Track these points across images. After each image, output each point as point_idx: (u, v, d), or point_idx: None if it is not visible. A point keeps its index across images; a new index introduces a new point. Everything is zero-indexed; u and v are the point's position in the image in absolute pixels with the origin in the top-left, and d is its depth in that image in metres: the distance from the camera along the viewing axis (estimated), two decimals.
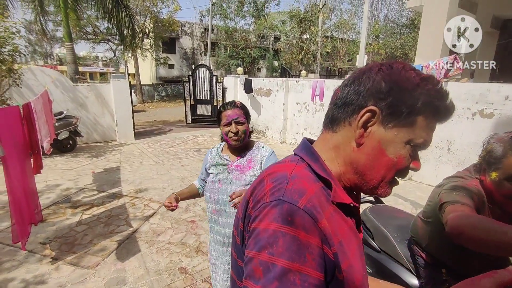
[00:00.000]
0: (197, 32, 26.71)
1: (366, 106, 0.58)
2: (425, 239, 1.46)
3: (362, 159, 0.60)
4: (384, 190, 0.62)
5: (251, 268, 0.51)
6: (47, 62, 34.96)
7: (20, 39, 6.08)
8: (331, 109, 0.66)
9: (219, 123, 1.59)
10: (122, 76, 7.95)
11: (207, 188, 1.61)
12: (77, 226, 3.48)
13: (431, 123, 0.59)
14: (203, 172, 1.70)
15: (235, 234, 0.68)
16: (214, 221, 1.60)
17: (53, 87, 6.74)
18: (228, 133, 1.52)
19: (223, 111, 1.56)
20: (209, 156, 1.67)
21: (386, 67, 0.60)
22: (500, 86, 3.93)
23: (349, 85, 0.62)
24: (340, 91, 0.64)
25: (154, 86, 22.50)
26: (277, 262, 0.49)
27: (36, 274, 2.63)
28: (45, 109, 3.80)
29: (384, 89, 0.57)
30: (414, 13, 21.00)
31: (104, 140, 7.90)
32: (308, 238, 0.51)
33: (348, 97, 0.61)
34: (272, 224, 0.52)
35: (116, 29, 9.37)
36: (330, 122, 0.66)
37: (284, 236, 0.50)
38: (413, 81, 0.57)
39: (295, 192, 0.55)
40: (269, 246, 0.50)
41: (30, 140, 3.13)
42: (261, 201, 0.57)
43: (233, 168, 1.57)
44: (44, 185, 4.71)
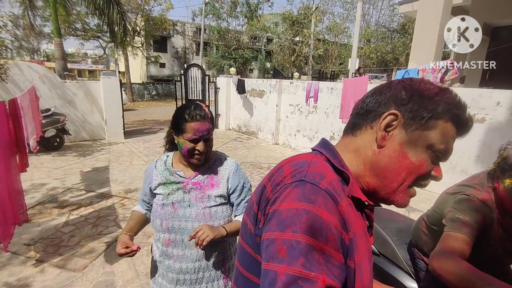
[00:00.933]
0: (189, 31, 26.54)
1: (388, 111, 0.60)
2: (429, 244, 1.44)
3: (383, 161, 0.60)
4: (402, 196, 0.61)
5: (274, 249, 0.50)
6: (34, 58, 34.09)
7: (7, 33, 5.89)
8: (352, 118, 0.68)
9: (176, 131, 1.22)
10: (113, 73, 7.79)
11: (156, 214, 1.26)
12: (63, 227, 3.36)
13: (452, 131, 0.59)
14: (147, 192, 1.33)
15: (247, 221, 0.66)
16: (165, 255, 1.26)
17: (41, 83, 6.54)
18: (192, 151, 1.20)
19: (189, 121, 1.17)
20: (153, 173, 1.29)
21: (406, 79, 0.63)
22: (491, 92, 3.99)
23: (370, 96, 0.65)
24: (361, 102, 0.66)
25: (145, 85, 22.21)
26: (302, 239, 0.48)
27: (20, 277, 2.51)
28: (32, 105, 3.67)
29: (404, 96, 0.60)
30: (405, 19, 21.40)
31: (92, 138, 7.72)
32: (330, 218, 0.50)
33: (369, 105, 0.63)
34: (294, 203, 0.51)
35: (107, 26, 9.18)
36: (350, 128, 0.67)
37: (307, 214, 0.49)
38: (432, 90, 0.60)
39: (316, 175, 0.55)
40: (293, 225, 0.49)
41: (15, 137, 3.00)
42: (281, 183, 0.57)
43: (190, 186, 1.26)
44: (29, 184, 4.54)
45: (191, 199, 1.26)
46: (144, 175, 1.38)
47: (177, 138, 1.23)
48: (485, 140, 4.10)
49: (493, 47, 6.79)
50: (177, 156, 1.33)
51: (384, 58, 23.81)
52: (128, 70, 19.12)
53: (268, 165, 6.07)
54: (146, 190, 1.34)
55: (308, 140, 7.15)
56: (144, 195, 1.37)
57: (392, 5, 24.91)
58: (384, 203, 0.65)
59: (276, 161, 6.37)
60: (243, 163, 6.08)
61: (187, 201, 1.25)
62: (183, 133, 1.18)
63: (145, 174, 1.36)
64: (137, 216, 1.38)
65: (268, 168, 5.82)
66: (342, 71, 21.68)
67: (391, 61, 23.69)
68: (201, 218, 1.24)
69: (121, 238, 1.20)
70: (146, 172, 1.36)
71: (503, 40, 7.23)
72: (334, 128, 6.45)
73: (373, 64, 23.80)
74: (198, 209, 1.25)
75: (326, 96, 6.53)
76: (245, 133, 9.29)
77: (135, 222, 1.34)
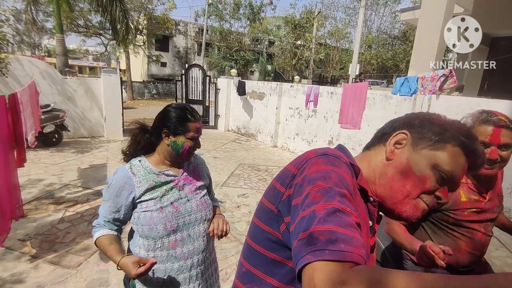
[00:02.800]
0: (191, 31, 26.58)
1: (399, 131, 0.69)
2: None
3: (390, 172, 0.67)
4: (409, 207, 0.65)
5: (309, 199, 0.54)
6: (35, 53, 34.02)
7: (9, 27, 5.89)
8: (371, 139, 0.78)
9: (174, 131, 1.22)
10: (114, 71, 7.79)
11: (155, 220, 1.20)
12: (59, 223, 3.35)
13: (461, 157, 0.63)
14: (122, 206, 1.20)
15: (264, 202, 0.71)
16: (174, 257, 1.24)
17: (41, 79, 6.53)
18: (191, 148, 1.25)
19: (192, 120, 1.23)
20: (134, 181, 1.20)
21: (421, 113, 0.73)
22: (489, 101, 4.02)
23: (387, 123, 0.75)
24: (381, 128, 0.77)
25: (145, 84, 22.19)
26: (334, 187, 0.54)
27: (14, 272, 2.50)
28: (31, 100, 3.67)
29: (416, 123, 0.68)
30: (406, 26, 21.50)
31: (91, 135, 7.70)
32: (352, 181, 0.59)
33: (386, 129, 0.73)
34: (322, 167, 0.58)
35: (109, 23, 9.19)
36: (367, 146, 0.78)
37: (335, 172, 0.57)
38: (443, 120, 0.67)
39: (337, 153, 0.63)
40: (323, 179, 0.55)
41: (14, 132, 3.00)
42: (304, 160, 0.64)
43: (182, 182, 1.30)
44: (26, 179, 4.53)
45: (187, 193, 1.30)
46: (111, 189, 1.20)
47: (172, 138, 1.23)
48: None
49: (492, 57, 6.84)
50: (154, 158, 1.28)
51: (384, 64, 23.91)
52: (129, 68, 19.10)
53: (266, 167, 6.08)
54: (122, 204, 1.20)
55: (307, 143, 7.16)
56: (115, 212, 1.21)
57: (394, 12, 25.04)
58: (392, 216, 0.68)
59: (275, 164, 6.38)
60: (241, 165, 6.09)
61: (184, 197, 1.28)
62: (185, 133, 1.22)
63: (114, 187, 1.20)
64: (112, 239, 1.19)
65: (266, 170, 5.83)
66: (343, 76, 21.74)
67: (391, 67, 23.79)
68: (201, 208, 1.33)
69: (127, 261, 1.07)
70: (117, 184, 1.20)
71: (502, 50, 7.30)
72: (333, 132, 6.48)
73: (374, 70, 23.89)
74: (196, 200, 1.31)
75: (326, 100, 6.55)
76: (244, 134, 9.30)
77: (118, 245, 1.18)
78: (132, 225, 1.28)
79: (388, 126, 0.73)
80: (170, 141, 1.23)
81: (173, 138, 1.23)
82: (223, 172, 5.55)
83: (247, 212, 3.96)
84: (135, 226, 1.25)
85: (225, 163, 6.12)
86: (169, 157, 1.27)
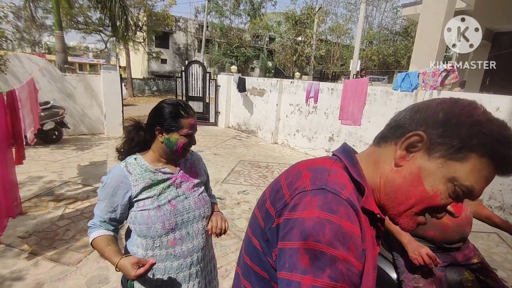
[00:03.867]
0: (191, 28, 26.47)
1: (414, 131, 0.55)
2: None
3: (397, 181, 0.58)
4: (406, 221, 0.59)
5: (297, 259, 0.49)
6: (35, 50, 33.95)
7: (7, 24, 5.86)
8: (384, 129, 0.65)
9: (167, 128, 1.19)
10: (113, 68, 7.76)
11: (153, 219, 1.18)
12: (59, 220, 3.35)
13: (487, 169, 0.51)
14: (119, 205, 1.18)
15: (257, 214, 0.67)
16: (173, 256, 1.22)
17: (40, 76, 6.51)
18: (186, 145, 1.22)
19: (186, 117, 1.19)
20: (130, 179, 1.18)
21: (450, 100, 0.56)
22: (491, 97, 3.99)
23: (407, 110, 0.60)
24: (397, 114, 0.63)
25: (145, 80, 22.15)
26: (325, 250, 0.48)
27: (13, 269, 2.50)
28: (30, 97, 3.65)
29: (440, 119, 0.53)
30: (408, 22, 21.37)
31: (91, 132, 7.69)
32: (351, 228, 0.50)
33: (402, 120, 0.59)
34: (316, 212, 0.51)
35: (108, 20, 9.14)
36: (378, 138, 0.64)
37: (330, 224, 0.49)
38: (476, 118, 0.51)
39: (337, 184, 0.55)
40: (315, 234, 0.49)
41: (13, 129, 2.99)
42: (299, 188, 0.57)
43: (180, 180, 1.27)
44: (26, 176, 4.53)
45: (185, 191, 1.27)
46: (107, 188, 1.17)
47: (166, 135, 1.20)
48: None
49: (494, 52, 6.79)
50: (150, 156, 1.26)
51: (385, 60, 23.79)
52: (129, 65, 19.05)
53: (267, 164, 6.07)
54: (118, 203, 1.17)
55: (307, 140, 7.14)
56: (112, 211, 1.18)
57: (395, 8, 24.88)
58: (391, 221, 0.64)
59: (275, 160, 6.36)
60: (242, 162, 6.07)
61: (181, 194, 1.26)
62: (178, 130, 1.18)
63: (110, 186, 1.17)
64: (109, 240, 1.16)
65: (267, 167, 5.82)
66: (344, 72, 21.66)
67: (392, 63, 23.67)
68: (200, 205, 1.30)
69: (125, 262, 1.05)
70: (113, 183, 1.17)
71: (504, 45, 7.24)
72: (334, 129, 6.45)
73: (375, 66, 23.79)
74: (194, 198, 1.29)
75: (326, 96, 6.52)
76: (244, 131, 9.28)
77: (115, 246, 1.15)
78: (129, 224, 1.25)
79: (405, 116, 0.59)
80: (163, 138, 1.20)
81: (166, 135, 1.20)
82: (224, 169, 5.54)
83: (247, 209, 3.95)
84: (132, 226, 1.23)
85: (225, 160, 6.10)
86: (164, 154, 1.25)
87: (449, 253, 1.53)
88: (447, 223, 1.45)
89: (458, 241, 1.51)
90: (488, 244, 3.43)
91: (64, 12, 13.34)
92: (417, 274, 1.46)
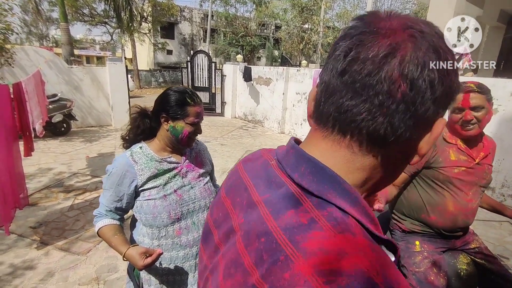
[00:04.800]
0: (196, 17, 26.20)
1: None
2: (401, 200, 1.60)
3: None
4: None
5: None
6: (43, 44, 34.24)
7: (13, 16, 5.86)
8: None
9: (173, 116, 1.16)
10: (119, 59, 7.75)
11: (159, 209, 1.17)
12: (69, 211, 3.40)
13: None
14: (125, 195, 1.17)
15: (203, 253, 0.53)
16: (179, 246, 1.22)
17: (47, 69, 6.54)
18: (192, 134, 1.20)
19: (192, 105, 1.17)
20: (136, 168, 1.17)
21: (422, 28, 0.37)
22: (506, 82, 3.84)
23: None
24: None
25: (152, 72, 22.15)
26: None
27: (25, 259, 2.55)
28: (37, 90, 3.66)
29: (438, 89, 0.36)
30: (418, 6, 20.74)
31: (99, 124, 7.75)
32: None
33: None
34: None
35: (113, 11, 9.11)
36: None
37: None
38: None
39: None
40: None
41: (20, 121, 3.01)
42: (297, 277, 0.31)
43: (185, 169, 1.26)
44: (36, 168, 4.60)
45: (191, 180, 1.26)
46: (112, 177, 1.16)
47: (171, 123, 1.18)
48: (496, 132, 3.97)
49: (509, 34, 6.52)
50: (155, 145, 1.24)
51: None
52: (135, 56, 19.04)
53: None
54: (124, 193, 1.17)
55: None
56: (117, 200, 1.17)
57: None
58: None
59: None
60: (248, 152, 6.05)
61: (187, 184, 1.25)
62: (184, 118, 1.16)
63: (116, 175, 1.16)
64: (116, 230, 1.16)
65: None
66: None
67: None
68: (205, 195, 1.29)
69: (133, 252, 1.04)
70: (118, 172, 1.16)
71: None
72: None
73: None
74: (200, 187, 1.28)
75: None
76: (251, 121, 9.23)
77: (122, 235, 1.15)
78: (135, 213, 1.25)
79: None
80: (169, 126, 1.18)
81: (172, 123, 1.18)
82: (230, 159, 5.53)
83: None
84: (138, 215, 1.23)
85: (232, 150, 6.09)
86: (170, 143, 1.23)
87: (448, 240, 1.52)
88: (452, 211, 1.43)
89: (459, 230, 1.49)
90: (500, 233, 3.36)
91: (69, 4, 13.33)
92: (417, 259, 1.46)
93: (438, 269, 1.42)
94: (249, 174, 0.50)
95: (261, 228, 0.38)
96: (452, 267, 1.48)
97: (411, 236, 1.55)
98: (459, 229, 1.48)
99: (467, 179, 1.42)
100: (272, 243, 0.35)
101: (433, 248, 1.48)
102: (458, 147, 1.44)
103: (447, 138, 1.46)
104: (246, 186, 0.47)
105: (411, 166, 1.46)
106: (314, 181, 0.38)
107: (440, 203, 1.44)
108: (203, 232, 0.56)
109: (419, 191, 1.51)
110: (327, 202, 0.36)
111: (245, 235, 0.40)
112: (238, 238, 0.41)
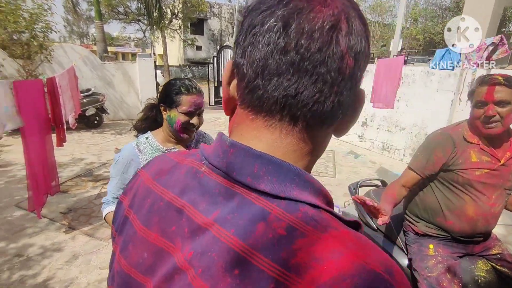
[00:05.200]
0: (225, 13, 26.41)
1: None
2: (415, 202, 1.53)
3: None
4: None
5: None
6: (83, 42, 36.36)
7: (52, 16, 6.26)
8: None
9: (167, 104, 1.19)
10: (148, 55, 8.04)
11: None
12: (96, 199, 3.60)
13: None
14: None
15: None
16: None
17: (83, 65, 6.94)
18: (187, 124, 1.19)
19: (185, 93, 1.16)
20: (140, 158, 1.21)
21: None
22: None
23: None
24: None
25: (181, 67, 22.74)
26: None
27: (54, 241, 2.75)
28: (70, 84, 3.90)
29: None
30: None
31: (129, 118, 8.10)
32: None
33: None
34: None
35: (144, 8, 9.44)
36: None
37: None
38: None
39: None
40: None
41: (53, 114, 3.23)
42: None
43: None
44: (70, 158, 4.92)
45: None
46: (118, 165, 1.21)
47: (167, 112, 1.20)
48: None
49: None
50: (161, 135, 1.27)
51: (432, 39, 21.91)
52: (166, 52, 19.59)
53: None
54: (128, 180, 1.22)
55: None
56: (123, 188, 1.11)
57: None
58: None
59: None
60: None
61: None
62: (177, 106, 1.17)
63: (121, 163, 1.21)
64: None
65: None
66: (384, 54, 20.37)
67: (440, 42, 21.74)
68: None
69: None
70: (124, 160, 1.21)
71: None
72: (367, 113, 6.13)
73: (420, 46, 22.04)
74: None
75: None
76: None
77: None
78: None
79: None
80: (166, 115, 1.21)
81: (168, 112, 1.20)
82: None
83: None
84: None
85: None
86: (171, 133, 1.25)
87: (466, 245, 1.41)
88: (471, 216, 1.32)
89: (479, 235, 1.38)
90: None
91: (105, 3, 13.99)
92: (430, 263, 1.37)
93: (452, 275, 1.33)
94: (173, 190, 0.38)
95: (228, 256, 0.29)
96: (469, 274, 1.38)
97: (425, 239, 1.47)
98: (479, 235, 1.38)
99: (490, 182, 1.31)
100: (252, 272, 0.28)
101: (448, 252, 1.39)
102: (480, 147, 1.32)
103: (467, 138, 1.34)
104: (178, 208, 0.36)
105: (426, 168, 1.38)
106: (274, 181, 0.32)
107: (459, 207, 1.34)
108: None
109: (436, 194, 1.42)
110: (296, 202, 0.31)
111: (205, 272, 0.30)
112: (193, 278, 0.30)
